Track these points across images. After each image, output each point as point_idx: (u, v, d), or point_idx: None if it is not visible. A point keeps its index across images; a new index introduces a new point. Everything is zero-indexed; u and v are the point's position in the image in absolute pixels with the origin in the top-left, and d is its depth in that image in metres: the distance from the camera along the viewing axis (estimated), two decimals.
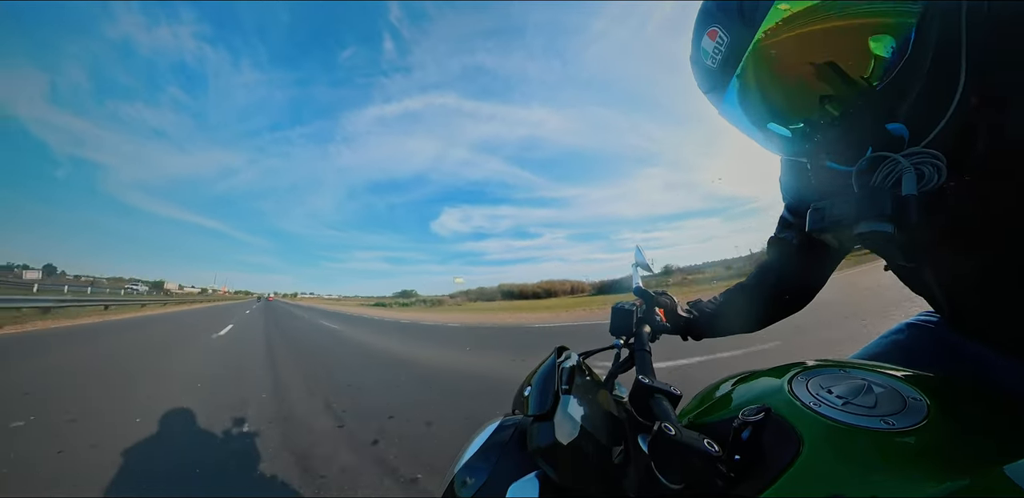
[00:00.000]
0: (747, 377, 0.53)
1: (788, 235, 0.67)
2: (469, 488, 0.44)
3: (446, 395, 3.18)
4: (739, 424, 0.35)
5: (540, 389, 0.50)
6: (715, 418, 0.46)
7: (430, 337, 8.16)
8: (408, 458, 1.97)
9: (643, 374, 0.46)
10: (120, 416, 2.64)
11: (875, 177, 0.43)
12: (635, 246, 0.82)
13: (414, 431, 2.34)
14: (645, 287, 0.74)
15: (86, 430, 2.37)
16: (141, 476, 1.84)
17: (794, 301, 0.73)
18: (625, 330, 0.65)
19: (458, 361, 4.80)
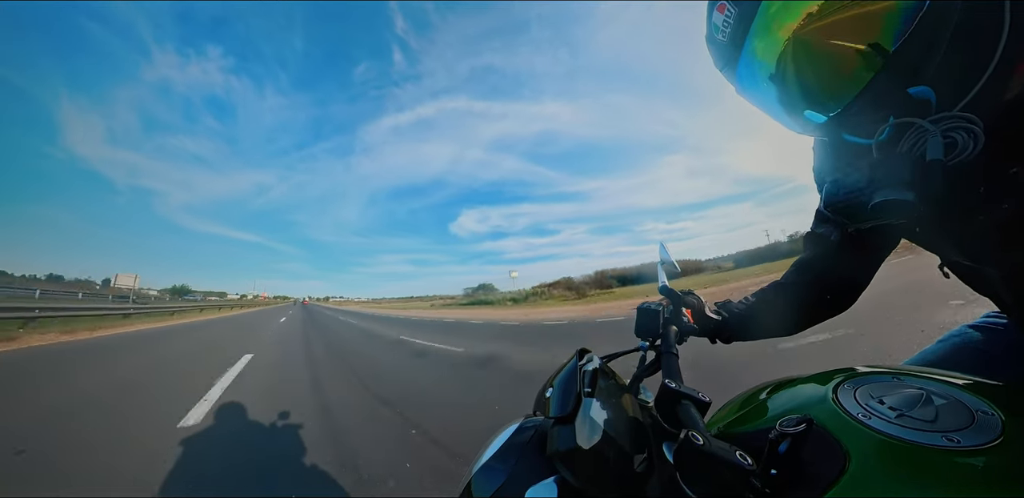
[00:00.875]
0: (785, 384, 0.49)
1: (826, 230, 0.61)
2: (486, 489, 0.43)
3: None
4: (776, 436, 0.31)
5: (562, 391, 0.48)
6: (749, 428, 0.43)
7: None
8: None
9: (670, 378, 0.43)
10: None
11: (900, 148, 0.39)
12: (659, 242, 0.79)
13: None
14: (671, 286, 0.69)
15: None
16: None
17: (836, 301, 0.66)
18: (651, 331, 0.62)
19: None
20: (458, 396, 3.27)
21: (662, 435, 0.43)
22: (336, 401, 3.06)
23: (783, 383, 0.50)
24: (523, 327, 8.85)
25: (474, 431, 2.23)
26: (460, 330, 9.35)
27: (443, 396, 3.26)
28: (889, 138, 0.40)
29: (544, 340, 6.41)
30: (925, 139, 0.37)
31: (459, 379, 3.89)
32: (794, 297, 0.68)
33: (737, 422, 0.46)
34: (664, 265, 0.76)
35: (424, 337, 7.84)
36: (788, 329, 0.70)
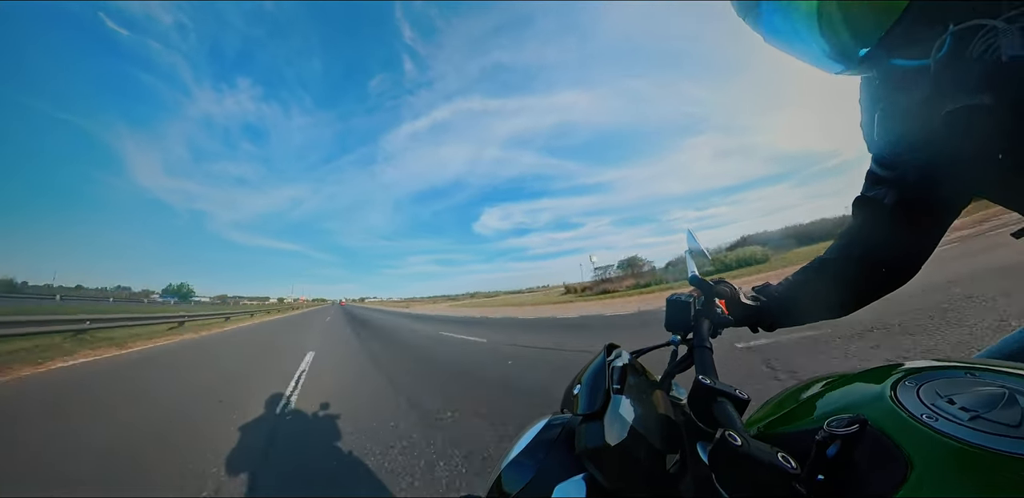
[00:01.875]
0: (835, 381, 0.44)
1: (879, 192, 0.53)
2: (515, 485, 0.42)
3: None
4: (824, 437, 0.28)
5: (590, 388, 0.47)
6: (792, 428, 0.39)
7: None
8: None
9: (704, 374, 0.41)
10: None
11: (968, 55, 0.33)
12: (686, 230, 0.75)
13: None
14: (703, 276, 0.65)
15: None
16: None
17: (892, 276, 0.57)
18: (682, 325, 0.58)
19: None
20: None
21: (696, 434, 0.40)
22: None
23: (831, 379, 0.45)
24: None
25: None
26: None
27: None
28: (951, 51, 0.34)
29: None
30: (997, 40, 0.31)
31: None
32: (842, 274, 0.59)
33: (779, 422, 0.42)
34: (693, 254, 0.72)
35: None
36: (836, 311, 0.62)
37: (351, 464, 2.14)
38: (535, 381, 3.56)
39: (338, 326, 13.44)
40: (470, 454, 2.13)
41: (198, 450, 2.37)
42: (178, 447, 2.45)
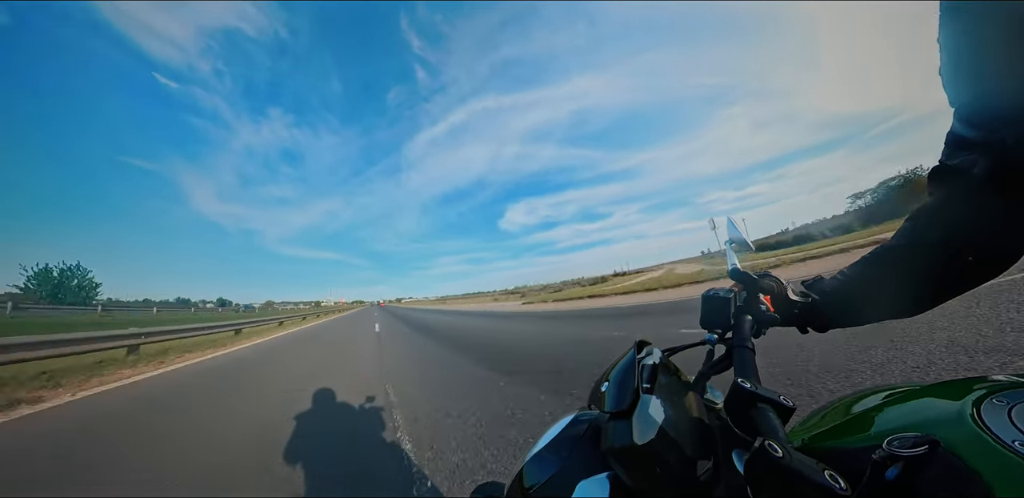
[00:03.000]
0: (899, 393, 0.39)
1: (965, 160, 0.40)
2: (537, 478, 0.41)
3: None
4: (883, 457, 0.25)
5: (618, 386, 0.44)
6: (844, 444, 0.35)
7: None
8: None
9: (743, 377, 0.38)
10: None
11: None
12: (726, 217, 0.69)
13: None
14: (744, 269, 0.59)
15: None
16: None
17: (982, 265, 0.43)
18: (720, 322, 0.53)
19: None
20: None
21: (732, 442, 0.37)
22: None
23: (894, 391, 0.40)
24: None
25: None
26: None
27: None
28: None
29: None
30: None
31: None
32: (915, 264, 0.47)
33: (829, 435, 0.38)
34: (733, 244, 0.67)
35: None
36: (907, 309, 0.50)
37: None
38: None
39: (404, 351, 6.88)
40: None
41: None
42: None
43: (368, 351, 6.82)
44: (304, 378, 4.53)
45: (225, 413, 3.25)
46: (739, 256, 0.65)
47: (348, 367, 5.25)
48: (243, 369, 5.72)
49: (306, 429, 2.69)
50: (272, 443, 2.42)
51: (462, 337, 8.19)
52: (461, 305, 45.93)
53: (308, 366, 5.48)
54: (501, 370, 4.19)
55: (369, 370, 4.87)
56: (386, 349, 7.03)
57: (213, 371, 5.61)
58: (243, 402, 3.59)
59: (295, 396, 3.60)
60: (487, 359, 4.99)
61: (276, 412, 3.12)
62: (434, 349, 6.64)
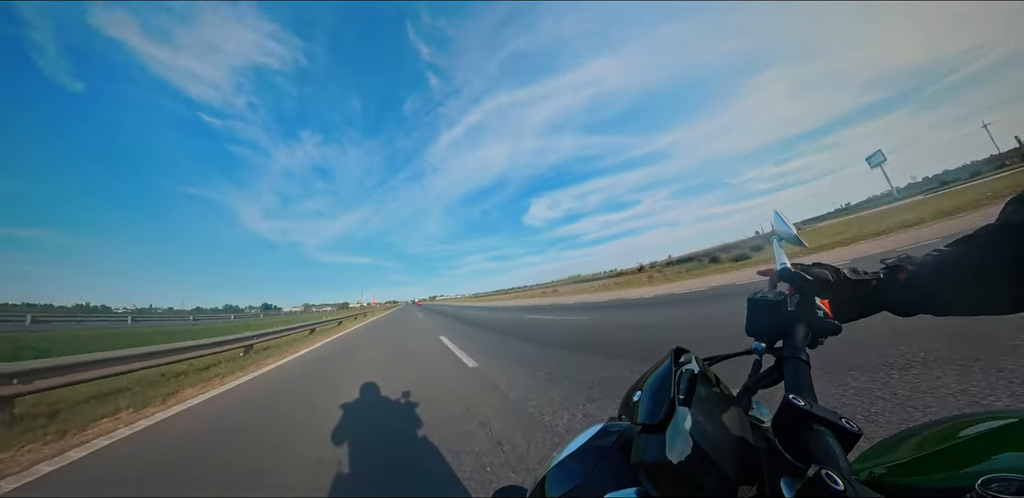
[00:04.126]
0: (1005, 423, 0.32)
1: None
2: (559, 488, 0.39)
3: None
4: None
5: (653, 396, 0.41)
6: (923, 481, 0.29)
7: None
8: None
9: (796, 393, 0.33)
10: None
11: None
12: (773, 211, 0.59)
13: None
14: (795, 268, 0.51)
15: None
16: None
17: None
18: (769, 330, 0.47)
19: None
20: None
21: (780, 467, 0.32)
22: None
23: (995, 421, 0.33)
24: None
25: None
26: None
27: None
28: None
29: None
30: None
31: None
32: (1017, 255, 0.37)
33: (905, 469, 0.32)
34: (782, 240, 0.58)
35: None
36: (1007, 304, 0.39)
37: None
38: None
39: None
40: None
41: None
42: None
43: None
44: (384, 360, 5.77)
45: (360, 376, 4.57)
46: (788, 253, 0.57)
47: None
48: (343, 354, 7.24)
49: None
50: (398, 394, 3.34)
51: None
52: (512, 300, 38.43)
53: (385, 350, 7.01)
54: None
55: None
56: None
57: (325, 355, 7.28)
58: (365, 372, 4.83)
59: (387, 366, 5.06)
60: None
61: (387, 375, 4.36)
62: None
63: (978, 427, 0.33)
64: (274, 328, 10.78)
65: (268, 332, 9.84)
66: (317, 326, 14.56)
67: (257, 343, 8.81)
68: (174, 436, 2.92)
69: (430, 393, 3.40)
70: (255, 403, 3.84)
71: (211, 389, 4.74)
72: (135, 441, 2.90)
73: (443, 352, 5.93)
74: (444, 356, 5.53)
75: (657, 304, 8.95)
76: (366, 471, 1.97)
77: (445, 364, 4.85)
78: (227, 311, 76.52)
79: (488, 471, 1.79)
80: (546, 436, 2.13)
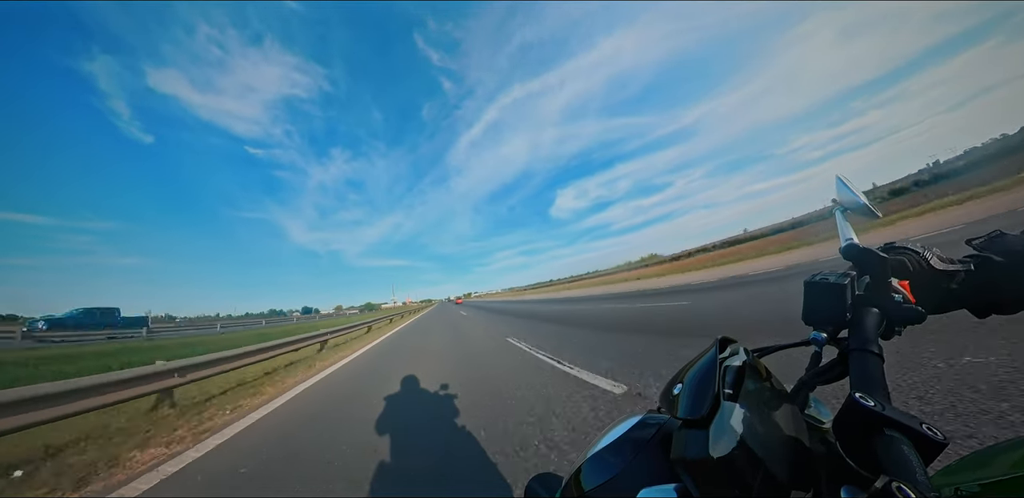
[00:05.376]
0: None
1: None
2: (594, 480, 0.37)
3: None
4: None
5: (695, 389, 0.36)
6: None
7: None
8: None
9: (864, 392, 0.28)
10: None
11: None
12: (836, 177, 0.49)
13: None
14: (865, 245, 0.43)
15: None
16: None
17: None
18: (832, 317, 0.40)
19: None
20: None
21: (842, 474, 0.28)
22: None
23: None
24: None
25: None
26: None
27: None
28: None
29: None
30: None
31: None
32: None
33: (1000, 489, 0.27)
34: (846, 210, 0.48)
35: None
36: None
37: None
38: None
39: None
40: None
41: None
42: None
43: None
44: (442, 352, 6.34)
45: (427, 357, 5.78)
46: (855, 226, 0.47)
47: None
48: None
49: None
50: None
51: None
52: (554, 292, 35.38)
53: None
54: None
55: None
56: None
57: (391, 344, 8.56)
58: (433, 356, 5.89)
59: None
60: None
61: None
62: None
63: None
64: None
65: (330, 331, 9.37)
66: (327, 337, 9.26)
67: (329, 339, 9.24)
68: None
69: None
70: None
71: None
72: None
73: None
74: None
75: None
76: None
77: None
78: (263, 316, 74.38)
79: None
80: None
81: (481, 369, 4.41)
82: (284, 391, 4.38)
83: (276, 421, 3.22)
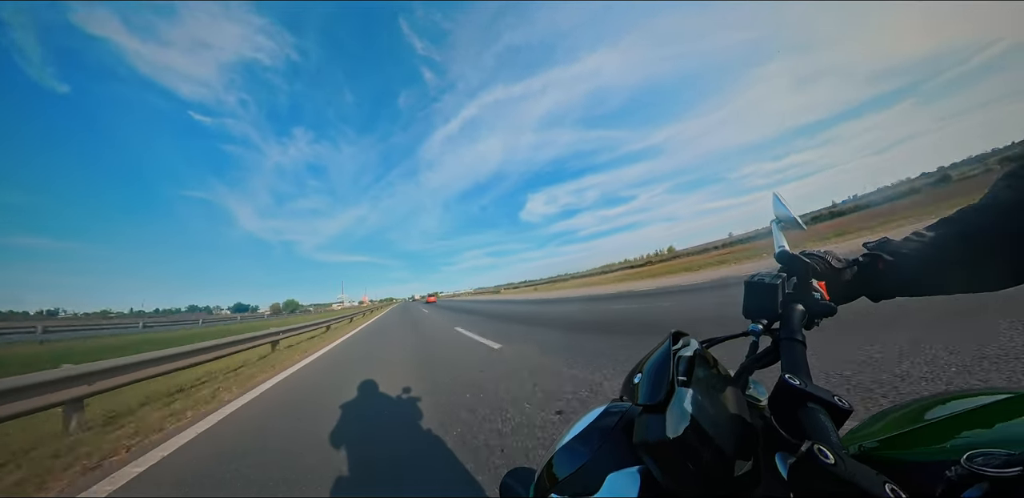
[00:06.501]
0: (990, 401, 0.32)
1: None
2: (566, 469, 0.40)
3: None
4: (960, 474, 0.21)
5: (652, 378, 0.41)
6: (910, 455, 0.30)
7: None
8: None
9: (792, 373, 0.33)
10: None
11: None
12: (772, 194, 0.59)
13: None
14: (793, 251, 0.52)
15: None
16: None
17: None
18: (766, 312, 0.47)
19: None
20: None
21: (776, 443, 0.33)
22: None
23: (981, 398, 0.33)
24: None
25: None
26: None
27: None
28: None
29: None
30: None
31: None
32: (994, 249, 0.40)
33: (892, 444, 0.32)
34: (780, 223, 0.58)
35: None
36: (992, 281, 0.42)
37: None
38: None
39: None
40: None
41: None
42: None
43: None
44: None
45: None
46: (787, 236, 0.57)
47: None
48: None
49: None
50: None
51: None
52: (533, 293, 34.47)
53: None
54: None
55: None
56: None
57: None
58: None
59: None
60: None
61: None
62: None
63: (969, 402, 0.33)
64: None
65: (287, 329, 8.85)
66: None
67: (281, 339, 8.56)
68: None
69: None
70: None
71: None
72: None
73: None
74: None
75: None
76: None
77: None
78: (172, 314, 63.52)
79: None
80: None
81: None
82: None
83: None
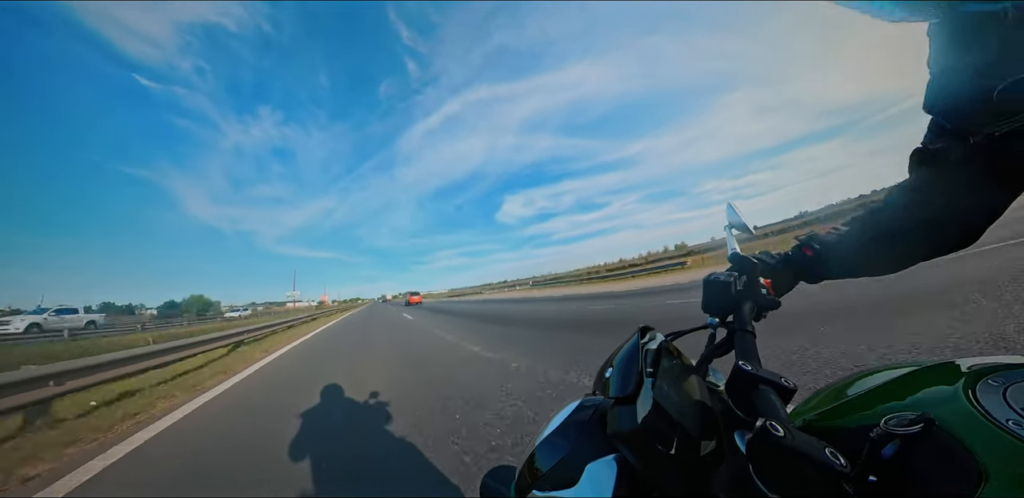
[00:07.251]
0: (900, 373, 0.38)
1: (944, 145, 0.43)
2: (547, 462, 0.42)
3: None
4: (880, 435, 0.25)
5: (622, 371, 0.44)
6: (844, 423, 0.34)
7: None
8: None
9: (744, 360, 0.37)
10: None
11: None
12: (726, 204, 0.66)
13: None
14: (744, 253, 0.59)
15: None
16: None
17: (948, 240, 0.47)
18: (721, 307, 0.53)
19: None
20: None
21: (735, 423, 0.37)
22: None
23: (892, 372, 0.39)
24: None
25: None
26: None
27: None
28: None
29: None
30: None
31: None
32: (896, 228, 0.49)
33: (829, 415, 0.37)
34: (733, 229, 0.65)
35: None
36: (887, 266, 0.53)
37: None
38: None
39: None
40: None
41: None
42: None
43: None
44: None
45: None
46: (740, 241, 0.64)
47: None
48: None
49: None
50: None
51: None
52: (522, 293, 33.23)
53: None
54: None
55: None
56: None
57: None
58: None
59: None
60: None
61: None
62: None
63: (886, 375, 0.39)
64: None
65: (250, 329, 8.61)
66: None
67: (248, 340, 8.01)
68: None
69: None
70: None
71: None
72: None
73: None
74: None
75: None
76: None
77: None
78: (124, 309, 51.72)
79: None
80: None
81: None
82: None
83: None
